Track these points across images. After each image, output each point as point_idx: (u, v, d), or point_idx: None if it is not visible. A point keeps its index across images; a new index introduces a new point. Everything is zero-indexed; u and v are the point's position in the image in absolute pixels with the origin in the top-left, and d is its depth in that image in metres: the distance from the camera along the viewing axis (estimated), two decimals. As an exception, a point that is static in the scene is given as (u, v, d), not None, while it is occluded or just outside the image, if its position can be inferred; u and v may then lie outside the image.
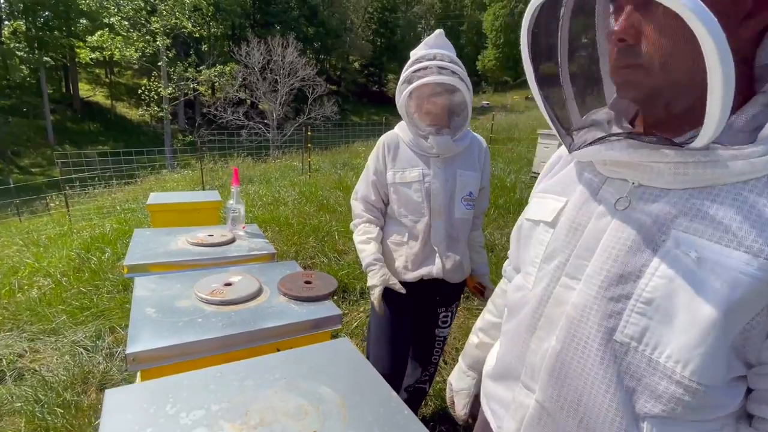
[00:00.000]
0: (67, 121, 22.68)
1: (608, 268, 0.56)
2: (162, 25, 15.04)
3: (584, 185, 0.63)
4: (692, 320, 0.49)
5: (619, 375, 0.55)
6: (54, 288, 3.05)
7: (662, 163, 0.51)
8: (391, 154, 1.45)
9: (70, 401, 1.95)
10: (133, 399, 0.79)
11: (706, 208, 0.49)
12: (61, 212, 6.58)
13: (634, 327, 0.53)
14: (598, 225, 0.58)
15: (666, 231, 0.52)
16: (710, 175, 0.49)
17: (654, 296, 0.52)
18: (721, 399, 0.52)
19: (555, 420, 0.62)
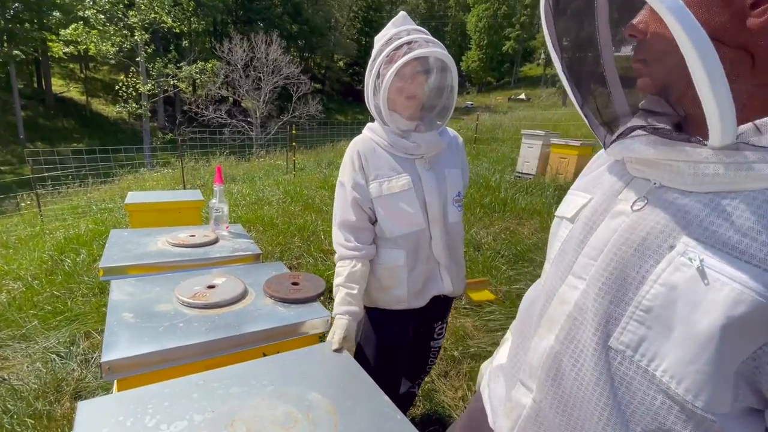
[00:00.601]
0: (39, 118, 21.79)
1: (611, 269, 0.54)
2: (140, 19, 14.59)
3: (610, 183, 0.60)
4: (688, 334, 0.46)
5: (612, 384, 0.52)
6: (25, 292, 2.91)
7: (681, 161, 0.48)
8: (369, 163, 1.22)
9: (41, 411, 1.85)
10: (108, 411, 0.74)
11: (724, 215, 0.46)
12: (33, 212, 6.30)
13: (630, 335, 0.51)
14: (610, 224, 0.56)
15: (676, 236, 0.49)
16: (732, 178, 0.45)
17: (653, 305, 0.49)
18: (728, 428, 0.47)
19: (550, 422, 0.60)
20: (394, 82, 1.14)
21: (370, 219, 1.27)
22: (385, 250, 1.26)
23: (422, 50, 1.09)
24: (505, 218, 4.63)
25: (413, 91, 1.16)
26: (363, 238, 1.26)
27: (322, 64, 34.74)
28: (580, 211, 0.63)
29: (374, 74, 1.16)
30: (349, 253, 1.24)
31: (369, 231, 1.27)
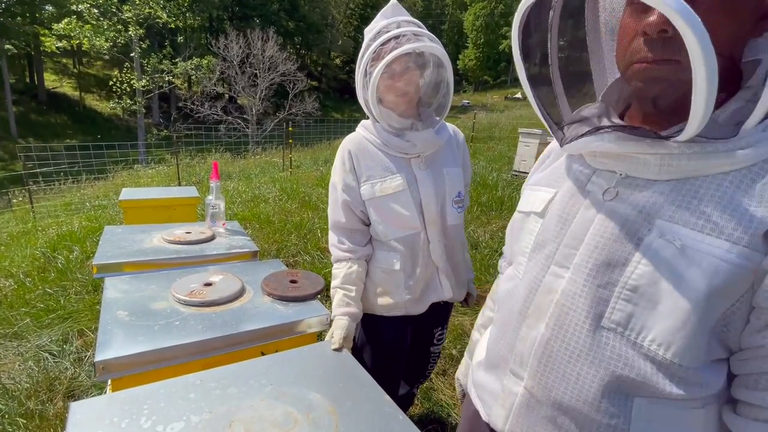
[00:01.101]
0: (31, 113, 21.50)
1: (596, 256, 0.58)
2: (134, 14, 14.42)
3: (573, 177, 0.65)
4: (675, 305, 0.52)
5: (606, 359, 0.57)
6: (16, 289, 2.86)
7: (649, 154, 0.53)
8: (361, 163, 1.17)
9: (33, 410, 1.82)
10: (102, 412, 0.72)
11: (690, 198, 0.52)
12: (25, 208, 6.22)
13: (620, 313, 0.56)
14: (586, 215, 0.60)
15: (651, 220, 0.54)
16: (694, 167, 0.51)
17: (639, 283, 0.54)
18: (703, 379, 0.55)
19: (543, 406, 0.64)
20: (382, 79, 1.09)
21: (363, 221, 1.22)
22: (381, 252, 1.22)
23: (410, 45, 1.02)
24: (503, 217, 4.63)
25: (404, 88, 1.10)
26: (356, 240, 1.22)
27: (318, 61, 34.58)
28: (548, 205, 0.67)
29: (362, 71, 1.11)
30: (344, 255, 1.21)
31: (362, 232, 1.24)
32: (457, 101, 29.92)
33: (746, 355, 0.53)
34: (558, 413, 0.62)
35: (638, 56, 0.52)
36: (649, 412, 0.56)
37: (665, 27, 0.48)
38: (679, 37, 0.46)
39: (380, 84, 1.10)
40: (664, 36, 0.49)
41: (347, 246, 1.21)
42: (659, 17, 0.48)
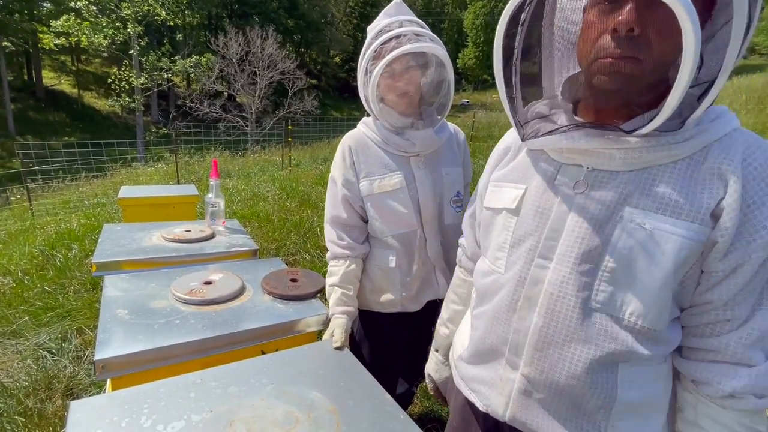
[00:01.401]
0: (29, 111, 21.40)
1: (578, 246, 0.63)
2: (133, 11, 14.35)
3: (541, 172, 0.69)
4: (649, 280, 0.59)
5: (595, 337, 0.63)
6: (15, 287, 2.85)
7: (614, 149, 0.59)
8: (360, 159, 1.18)
9: (32, 409, 1.81)
10: (102, 411, 0.72)
11: (650, 186, 0.59)
12: (23, 206, 6.20)
13: (603, 294, 0.62)
14: (561, 208, 0.66)
15: (621, 208, 0.61)
16: (651, 158, 0.58)
17: (617, 266, 0.61)
18: (669, 337, 0.64)
19: (540, 389, 0.68)
20: (383, 78, 1.09)
21: (361, 217, 1.23)
22: (378, 250, 1.23)
23: (411, 45, 1.03)
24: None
25: (404, 88, 1.10)
26: (355, 236, 1.22)
27: (318, 59, 34.49)
28: (521, 201, 0.71)
29: (363, 69, 1.11)
30: (343, 252, 1.21)
31: (361, 229, 1.24)
32: (456, 100, 29.89)
33: (696, 311, 0.63)
34: (554, 394, 0.67)
35: (605, 52, 0.57)
36: (631, 375, 0.64)
37: (634, 26, 0.53)
38: (644, 36, 0.54)
39: (381, 83, 1.10)
40: (630, 35, 0.54)
41: (346, 242, 1.21)
42: (629, 16, 0.53)
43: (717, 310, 0.60)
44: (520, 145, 0.75)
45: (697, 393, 0.64)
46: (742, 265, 0.57)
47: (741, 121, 0.63)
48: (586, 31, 0.60)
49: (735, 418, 0.61)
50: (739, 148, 0.57)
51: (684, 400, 0.67)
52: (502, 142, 0.83)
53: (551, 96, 0.71)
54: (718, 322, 0.61)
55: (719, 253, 0.57)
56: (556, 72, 0.72)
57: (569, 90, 0.69)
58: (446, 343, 1.03)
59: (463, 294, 0.98)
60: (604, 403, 0.64)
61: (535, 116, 0.69)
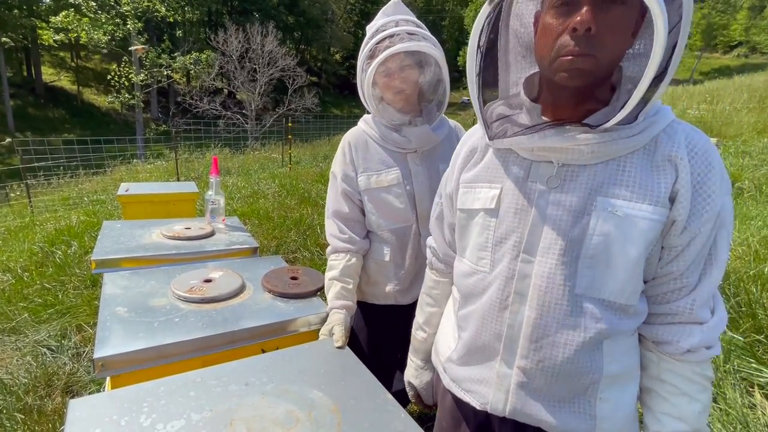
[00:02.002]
0: (28, 107, 21.34)
1: (560, 237, 0.68)
2: (133, 7, 14.28)
3: (513, 171, 0.73)
4: (625, 262, 0.65)
5: (584, 321, 0.68)
6: (14, 284, 2.85)
7: (584, 144, 0.64)
8: (360, 155, 1.21)
9: (32, 406, 1.81)
10: (101, 410, 0.71)
11: (616, 175, 0.65)
12: (23, 203, 6.18)
13: (585, 279, 0.67)
14: (539, 204, 0.69)
15: (593, 198, 0.66)
16: (613, 150, 0.64)
17: (596, 252, 0.66)
18: (641, 309, 0.70)
19: (536, 380, 0.72)
20: (379, 77, 1.12)
21: (362, 211, 1.25)
22: (375, 243, 1.26)
23: (402, 45, 1.06)
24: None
25: (399, 86, 1.12)
26: (357, 231, 1.24)
27: (318, 56, 34.38)
28: (498, 201, 0.74)
29: (359, 68, 1.14)
30: (344, 246, 1.22)
31: (361, 224, 1.26)
32: (456, 98, 29.79)
33: (657, 282, 0.70)
34: (551, 381, 0.71)
35: (566, 50, 0.61)
36: (612, 349, 0.70)
37: (591, 25, 0.58)
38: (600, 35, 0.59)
39: (378, 81, 1.13)
40: (588, 34, 0.59)
41: (348, 237, 1.23)
42: (587, 16, 0.58)
43: (675, 279, 0.68)
44: (486, 145, 0.78)
45: (658, 352, 0.72)
46: (694, 238, 0.65)
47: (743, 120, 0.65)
48: (545, 32, 0.64)
49: (691, 369, 0.69)
50: (681, 136, 0.65)
51: (647, 359, 0.74)
52: (465, 143, 0.85)
53: (507, 96, 0.76)
54: (675, 289, 0.69)
55: (678, 230, 0.65)
56: (513, 73, 0.76)
57: (529, 89, 0.73)
58: (424, 348, 1.03)
59: (437, 296, 0.99)
60: (593, 379, 0.70)
61: (497, 117, 0.73)
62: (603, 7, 0.59)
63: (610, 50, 0.60)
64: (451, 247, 0.92)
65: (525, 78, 0.75)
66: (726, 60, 41.57)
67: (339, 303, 1.16)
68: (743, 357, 1.86)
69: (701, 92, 11.96)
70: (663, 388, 0.72)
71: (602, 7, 0.59)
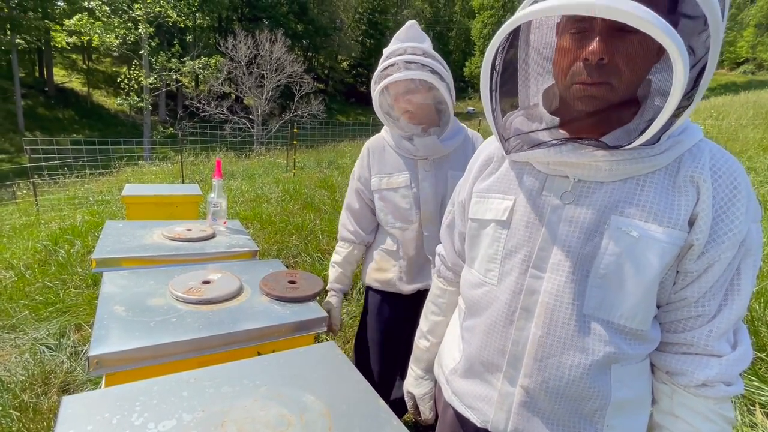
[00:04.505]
0: (39, 107, 21.66)
1: (570, 255, 0.66)
2: (145, 12, 14.55)
3: (528, 183, 0.71)
4: (637, 285, 0.62)
5: (592, 342, 0.65)
6: (16, 281, 2.87)
7: (601, 161, 0.62)
8: (376, 159, 1.36)
9: (28, 403, 1.81)
10: (94, 407, 0.71)
11: (634, 195, 0.62)
12: (29, 201, 6.25)
13: (594, 299, 0.65)
14: (552, 219, 0.68)
15: (607, 217, 0.63)
16: (633, 169, 0.62)
17: (607, 272, 0.63)
18: (653, 336, 0.68)
19: (540, 400, 0.70)
20: (384, 99, 1.27)
21: (371, 209, 1.41)
22: (383, 236, 1.42)
23: (398, 75, 1.17)
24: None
25: (404, 107, 1.25)
26: (363, 225, 1.43)
27: (325, 64, 34.74)
28: (511, 213, 0.72)
29: (372, 89, 1.28)
30: (349, 237, 1.43)
31: (368, 219, 1.43)
32: (462, 108, 29.94)
33: (670, 308, 0.67)
34: (555, 402, 0.69)
35: (579, 78, 0.60)
36: (622, 375, 0.67)
37: (603, 55, 0.57)
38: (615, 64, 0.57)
39: (385, 103, 1.29)
40: (601, 62, 0.58)
41: (354, 229, 1.43)
42: (599, 47, 0.57)
43: (689, 306, 0.64)
44: (502, 155, 0.77)
45: (672, 384, 0.68)
46: (713, 265, 0.61)
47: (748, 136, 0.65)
48: (560, 56, 0.63)
49: (707, 406, 0.64)
50: (706, 157, 0.62)
51: (659, 391, 0.70)
52: (482, 152, 0.84)
53: (527, 107, 0.74)
54: (691, 317, 0.65)
55: (694, 255, 0.61)
56: (533, 86, 0.75)
57: (548, 101, 0.72)
58: (426, 357, 1.01)
59: (443, 304, 0.97)
60: (600, 405, 0.67)
61: (515, 130, 0.71)
62: (617, 35, 0.57)
63: (626, 78, 0.59)
64: (460, 256, 0.90)
65: (545, 89, 0.73)
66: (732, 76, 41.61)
67: (337, 286, 1.43)
68: (745, 375, 1.84)
69: (707, 108, 11.96)
70: (675, 425, 0.67)
71: (616, 35, 0.57)
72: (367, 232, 1.43)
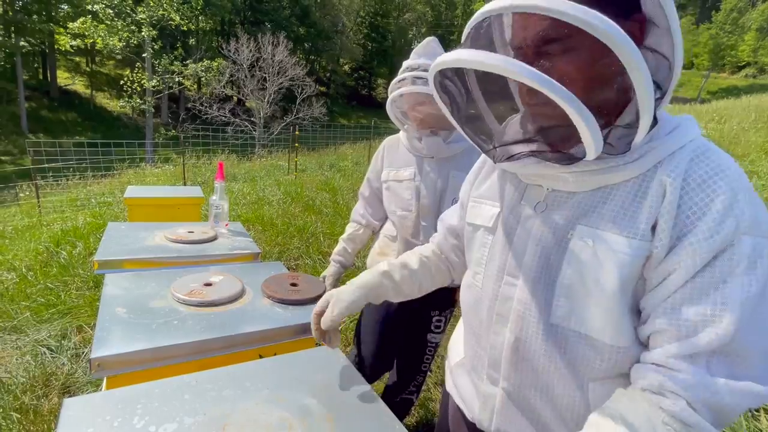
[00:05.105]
0: (42, 109, 21.77)
1: (537, 263, 0.66)
2: (148, 15, 14.62)
3: (510, 192, 0.74)
4: (600, 296, 0.60)
5: (561, 352, 0.65)
6: (18, 283, 2.87)
7: (567, 172, 0.62)
8: (389, 154, 1.53)
9: (28, 405, 1.81)
10: (95, 409, 0.71)
11: (600, 205, 0.61)
12: (31, 203, 6.27)
13: (562, 309, 0.64)
14: (525, 227, 0.69)
15: (573, 226, 0.63)
16: (601, 179, 0.61)
17: (572, 282, 0.62)
18: (635, 354, 0.62)
19: (520, 403, 0.71)
20: (398, 107, 1.42)
21: (378, 198, 1.58)
22: (388, 223, 1.56)
23: (404, 89, 1.29)
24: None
25: (416, 116, 1.36)
26: (371, 211, 1.61)
27: (327, 67, 34.85)
28: (497, 219, 0.74)
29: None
30: (358, 219, 1.63)
31: (376, 206, 1.60)
32: (463, 111, 29.88)
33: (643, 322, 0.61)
34: (533, 408, 0.69)
35: (525, 100, 0.62)
36: (602, 393, 0.63)
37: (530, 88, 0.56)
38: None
39: (397, 111, 1.43)
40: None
41: (362, 213, 1.62)
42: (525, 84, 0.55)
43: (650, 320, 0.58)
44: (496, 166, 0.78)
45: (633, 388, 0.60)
46: (670, 274, 0.56)
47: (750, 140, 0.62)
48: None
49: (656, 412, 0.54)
50: (685, 159, 0.57)
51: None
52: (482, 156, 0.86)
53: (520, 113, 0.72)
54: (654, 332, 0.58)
55: (653, 264, 0.57)
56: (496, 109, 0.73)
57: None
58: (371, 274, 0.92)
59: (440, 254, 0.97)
60: (578, 414, 0.65)
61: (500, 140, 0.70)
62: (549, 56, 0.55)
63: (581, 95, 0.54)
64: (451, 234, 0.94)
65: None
66: (734, 80, 41.56)
67: (336, 257, 1.60)
68: (749, 380, 1.82)
69: (709, 111, 11.95)
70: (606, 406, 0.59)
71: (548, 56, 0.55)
72: (375, 218, 1.60)
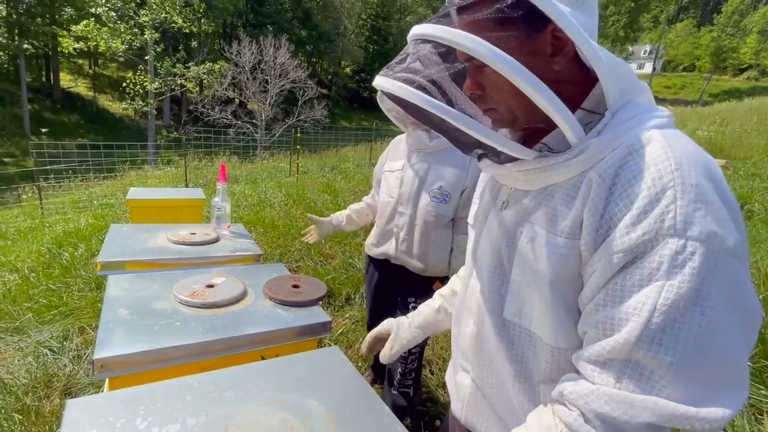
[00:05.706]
0: (45, 111, 21.85)
1: (493, 259, 0.69)
2: (151, 18, 14.69)
3: (488, 191, 0.77)
4: (540, 294, 0.60)
5: (514, 349, 0.66)
6: (20, 284, 2.88)
7: (516, 171, 0.63)
8: (392, 149, 1.72)
9: (30, 406, 1.81)
10: (98, 411, 0.71)
11: (545, 203, 0.62)
12: (34, 204, 6.29)
13: (513, 306, 0.65)
14: (488, 224, 0.72)
15: (522, 223, 0.64)
16: (546, 177, 0.60)
17: (519, 278, 0.64)
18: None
19: (484, 395, 0.72)
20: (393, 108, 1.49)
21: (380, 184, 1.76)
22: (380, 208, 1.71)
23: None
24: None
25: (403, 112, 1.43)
26: (376, 197, 1.83)
27: (329, 69, 34.94)
28: (475, 216, 0.79)
29: None
30: (366, 199, 1.92)
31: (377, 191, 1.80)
32: (464, 113, 29.90)
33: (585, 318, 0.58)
34: (492, 403, 0.71)
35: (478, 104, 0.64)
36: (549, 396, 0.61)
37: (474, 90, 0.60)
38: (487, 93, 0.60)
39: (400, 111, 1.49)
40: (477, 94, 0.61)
41: (370, 195, 1.90)
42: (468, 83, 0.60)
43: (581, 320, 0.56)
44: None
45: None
46: (592, 275, 0.53)
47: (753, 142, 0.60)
48: None
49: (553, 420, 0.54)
50: (620, 154, 0.53)
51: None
52: None
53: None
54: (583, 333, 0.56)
55: (584, 262, 0.55)
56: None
57: None
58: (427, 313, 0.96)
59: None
60: None
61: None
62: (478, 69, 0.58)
63: (503, 104, 0.59)
64: None
65: None
66: (736, 82, 41.51)
67: (333, 216, 1.92)
68: (752, 383, 1.82)
69: (711, 114, 11.93)
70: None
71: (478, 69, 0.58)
72: (374, 196, 1.84)
